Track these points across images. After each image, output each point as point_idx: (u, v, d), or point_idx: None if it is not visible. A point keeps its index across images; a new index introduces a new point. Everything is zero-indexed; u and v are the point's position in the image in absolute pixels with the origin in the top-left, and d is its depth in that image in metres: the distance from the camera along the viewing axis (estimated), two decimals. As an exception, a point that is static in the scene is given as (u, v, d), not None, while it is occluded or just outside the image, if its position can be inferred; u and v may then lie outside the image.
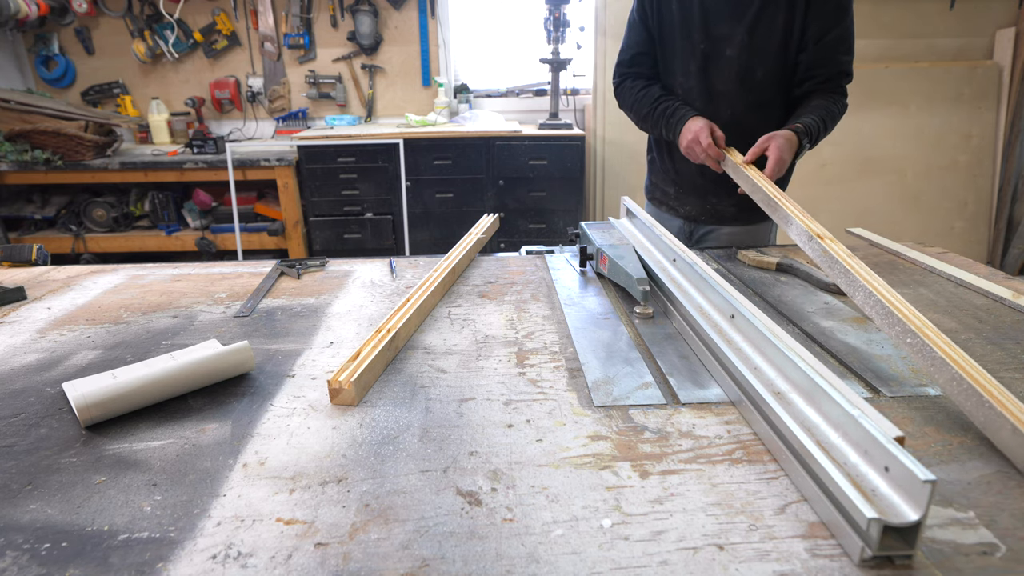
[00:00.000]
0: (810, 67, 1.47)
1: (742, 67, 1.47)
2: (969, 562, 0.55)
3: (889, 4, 3.63)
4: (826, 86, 1.48)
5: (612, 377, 0.88)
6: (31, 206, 3.59)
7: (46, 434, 0.76)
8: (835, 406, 0.67)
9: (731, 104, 1.51)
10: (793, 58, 1.47)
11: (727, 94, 1.51)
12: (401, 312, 1.02)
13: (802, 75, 1.48)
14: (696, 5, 1.47)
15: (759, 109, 1.52)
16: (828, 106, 1.46)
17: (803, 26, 1.43)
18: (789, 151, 1.36)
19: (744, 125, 1.49)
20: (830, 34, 1.43)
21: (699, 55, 1.49)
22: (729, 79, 1.49)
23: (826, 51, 1.45)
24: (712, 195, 1.63)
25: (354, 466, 0.69)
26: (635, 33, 1.60)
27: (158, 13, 3.66)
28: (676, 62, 1.54)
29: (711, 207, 1.64)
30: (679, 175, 1.66)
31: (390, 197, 3.46)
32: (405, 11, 3.75)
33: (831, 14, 1.42)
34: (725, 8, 1.45)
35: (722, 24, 1.46)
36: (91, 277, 1.34)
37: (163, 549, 0.58)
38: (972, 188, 3.70)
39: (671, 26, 1.52)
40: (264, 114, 3.92)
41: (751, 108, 1.51)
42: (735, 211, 1.64)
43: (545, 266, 1.40)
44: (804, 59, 1.46)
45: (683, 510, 0.62)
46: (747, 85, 1.49)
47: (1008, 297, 1.12)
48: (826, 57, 1.45)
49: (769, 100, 1.52)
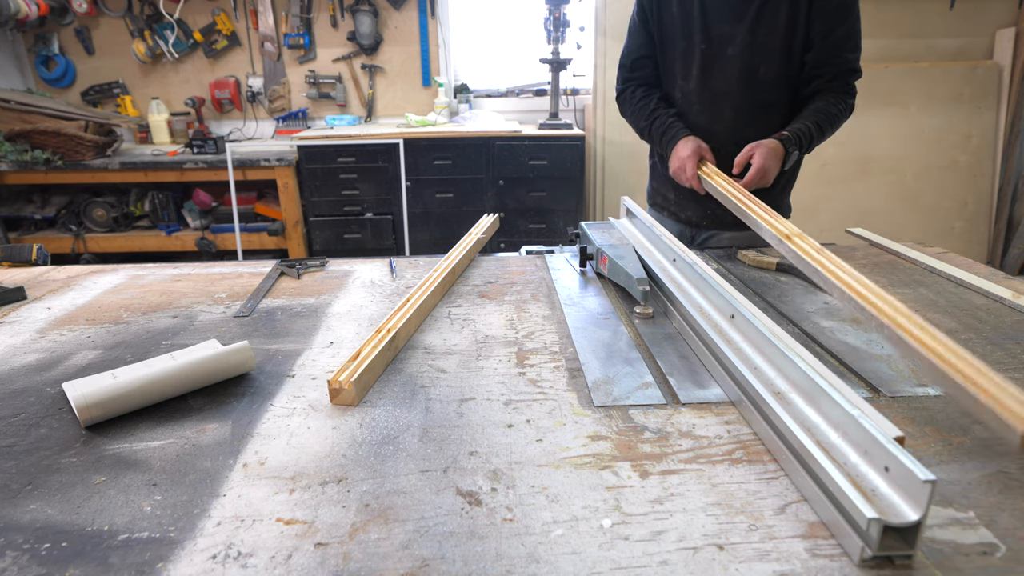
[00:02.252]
0: (816, 66, 1.45)
1: (744, 67, 1.46)
2: (969, 562, 0.55)
3: (889, 4, 3.63)
4: (833, 85, 1.47)
5: (612, 377, 0.88)
6: (31, 206, 3.59)
7: (46, 434, 0.76)
8: (835, 406, 0.67)
9: (734, 105, 1.50)
10: (798, 57, 1.45)
11: (730, 95, 1.49)
12: (401, 312, 1.02)
13: (808, 74, 1.47)
14: (696, 5, 1.46)
15: (763, 109, 1.50)
16: (828, 108, 1.45)
17: (807, 23, 1.41)
18: (773, 159, 1.37)
19: (748, 126, 1.48)
20: (836, 32, 1.41)
21: (700, 56, 1.48)
22: (731, 79, 1.48)
23: (832, 49, 1.43)
24: (712, 201, 1.62)
25: (354, 466, 0.69)
26: (637, 37, 1.59)
27: (158, 13, 3.66)
28: (677, 64, 1.53)
29: (712, 212, 1.64)
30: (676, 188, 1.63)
31: (390, 197, 3.46)
32: (405, 11, 3.75)
33: (836, 11, 1.40)
34: (726, 7, 1.44)
35: (723, 23, 1.45)
36: (91, 277, 1.34)
37: (163, 549, 0.58)
38: (972, 188, 3.70)
39: (672, 28, 1.51)
40: (264, 114, 3.92)
41: (755, 108, 1.50)
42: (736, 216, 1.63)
43: (545, 266, 1.40)
44: (810, 58, 1.45)
45: (683, 510, 0.62)
46: (750, 85, 1.48)
47: (1008, 297, 1.12)
48: (832, 55, 1.44)
49: (774, 100, 1.50)
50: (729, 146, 1.48)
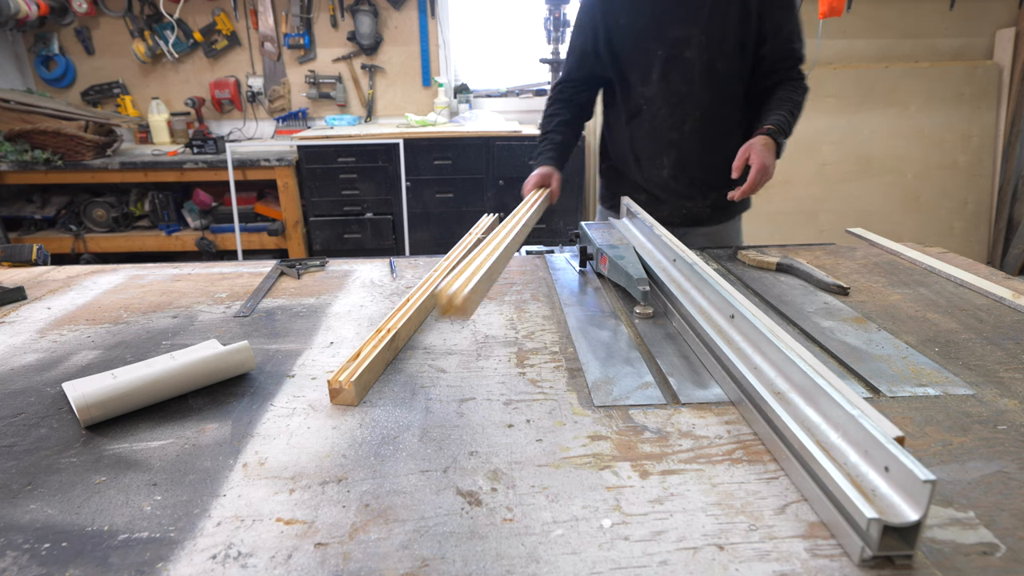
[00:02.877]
0: (774, 60, 1.51)
1: (704, 66, 1.49)
2: (969, 562, 0.55)
3: (889, 4, 3.63)
4: (791, 74, 1.53)
5: (612, 377, 0.88)
6: (31, 206, 3.59)
7: (46, 434, 0.76)
8: (835, 406, 0.66)
9: (698, 104, 1.53)
10: (752, 51, 1.49)
11: (692, 95, 1.52)
12: (401, 312, 1.02)
13: (767, 68, 1.52)
14: (647, 13, 1.48)
15: (725, 104, 1.54)
16: (793, 96, 1.50)
17: (758, 18, 1.46)
18: (769, 156, 1.40)
19: (713, 123, 1.54)
20: (785, 27, 1.48)
21: (659, 61, 1.51)
22: (692, 80, 1.51)
23: (784, 43, 1.49)
24: (687, 199, 1.63)
25: (354, 466, 0.69)
26: (572, 53, 1.63)
27: (158, 13, 3.66)
28: (634, 73, 1.55)
29: (686, 211, 1.64)
30: (650, 183, 1.65)
31: (390, 197, 3.46)
32: (405, 11, 3.75)
33: (782, 7, 1.46)
34: (679, 11, 1.46)
35: (677, 27, 1.47)
36: (91, 277, 1.34)
37: (163, 549, 0.58)
38: (972, 188, 3.70)
39: (622, 39, 1.53)
40: (264, 114, 3.92)
41: (717, 104, 1.53)
42: (710, 211, 1.65)
43: (545, 266, 1.40)
44: (766, 52, 1.49)
45: (683, 510, 0.62)
46: (710, 83, 1.51)
47: (1008, 297, 1.12)
48: (785, 49, 1.50)
49: (733, 94, 1.54)
50: (694, 144, 1.54)
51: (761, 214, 3.51)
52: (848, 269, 1.33)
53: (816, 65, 3.41)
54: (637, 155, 1.63)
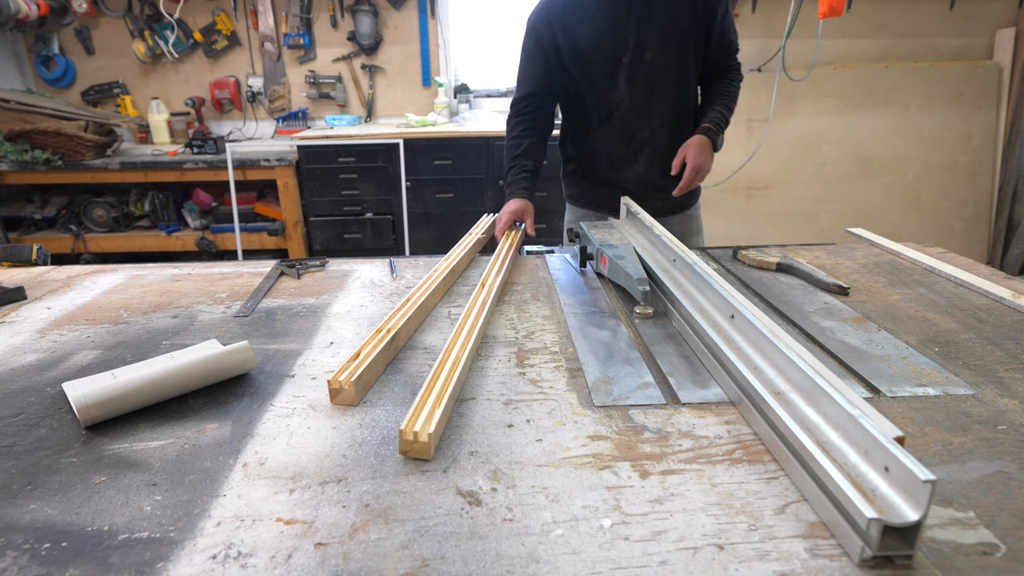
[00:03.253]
0: (719, 54, 1.59)
1: (664, 67, 1.53)
2: (969, 562, 0.55)
3: (889, 4, 3.63)
4: (729, 66, 1.63)
5: (612, 377, 0.88)
6: (31, 206, 3.59)
7: (46, 434, 0.76)
8: (835, 406, 0.66)
9: (664, 101, 1.57)
10: (703, 47, 1.55)
11: (658, 95, 1.56)
12: (401, 312, 1.02)
13: (709, 61, 1.59)
14: (603, 22, 1.50)
15: (688, 97, 1.61)
16: (728, 89, 1.61)
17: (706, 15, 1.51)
18: (704, 154, 1.51)
19: (678, 116, 1.60)
20: (725, 20, 1.55)
21: (624, 67, 1.53)
22: (656, 81, 1.54)
23: (724, 37, 1.58)
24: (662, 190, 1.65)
25: (354, 466, 0.69)
26: (531, 69, 1.62)
27: (158, 13, 3.66)
28: (600, 79, 1.56)
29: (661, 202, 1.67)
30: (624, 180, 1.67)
31: (390, 197, 3.46)
32: (405, 11, 3.75)
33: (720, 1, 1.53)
34: (634, 16, 1.48)
35: (637, 32, 1.49)
36: (91, 277, 1.34)
37: (163, 549, 0.58)
38: (972, 188, 3.70)
39: (585, 47, 1.54)
40: (264, 114, 3.92)
41: (681, 98, 1.59)
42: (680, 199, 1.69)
43: (545, 266, 1.40)
44: (712, 51, 1.57)
45: (683, 510, 0.62)
46: (673, 83, 1.56)
47: (1008, 297, 1.12)
48: (724, 42, 1.58)
49: (692, 90, 1.62)
50: (664, 137, 1.59)
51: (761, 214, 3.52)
52: (848, 269, 1.33)
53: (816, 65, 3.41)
54: (610, 155, 1.66)
